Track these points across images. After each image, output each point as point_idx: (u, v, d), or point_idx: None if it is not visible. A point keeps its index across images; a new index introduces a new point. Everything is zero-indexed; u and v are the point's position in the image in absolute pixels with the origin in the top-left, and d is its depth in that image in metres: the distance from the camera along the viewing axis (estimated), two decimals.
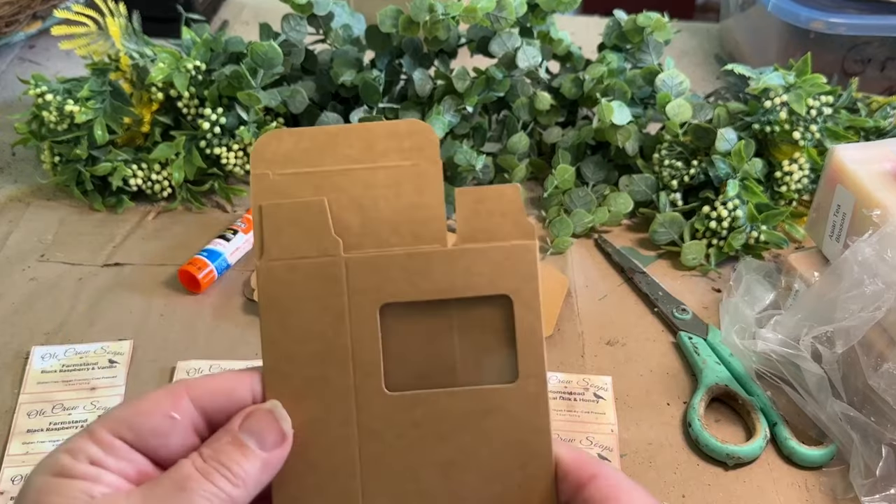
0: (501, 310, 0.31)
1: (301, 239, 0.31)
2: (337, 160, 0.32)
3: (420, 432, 0.31)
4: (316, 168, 0.32)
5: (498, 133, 0.75)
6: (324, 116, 0.72)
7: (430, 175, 0.32)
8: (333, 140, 0.32)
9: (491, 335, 0.32)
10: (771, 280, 0.62)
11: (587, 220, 0.69)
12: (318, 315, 0.31)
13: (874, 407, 0.50)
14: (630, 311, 0.64)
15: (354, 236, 0.32)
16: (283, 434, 0.30)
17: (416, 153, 0.32)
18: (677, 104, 0.68)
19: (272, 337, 0.31)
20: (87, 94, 0.67)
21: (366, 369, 0.31)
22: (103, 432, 0.29)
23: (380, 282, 0.31)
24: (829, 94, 0.67)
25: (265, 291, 0.31)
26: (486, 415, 0.31)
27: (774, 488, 0.52)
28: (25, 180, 0.75)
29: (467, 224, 0.32)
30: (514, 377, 0.31)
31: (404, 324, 0.32)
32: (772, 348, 0.53)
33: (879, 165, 0.57)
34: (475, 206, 0.32)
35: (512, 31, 0.70)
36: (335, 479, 0.31)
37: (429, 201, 0.32)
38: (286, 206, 0.32)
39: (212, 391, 0.30)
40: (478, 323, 0.32)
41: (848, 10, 0.79)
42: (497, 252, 0.32)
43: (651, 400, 0.57)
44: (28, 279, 0.65)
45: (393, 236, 0.32)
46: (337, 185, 0.32)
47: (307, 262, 0.31)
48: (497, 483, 0.31)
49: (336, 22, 0.72)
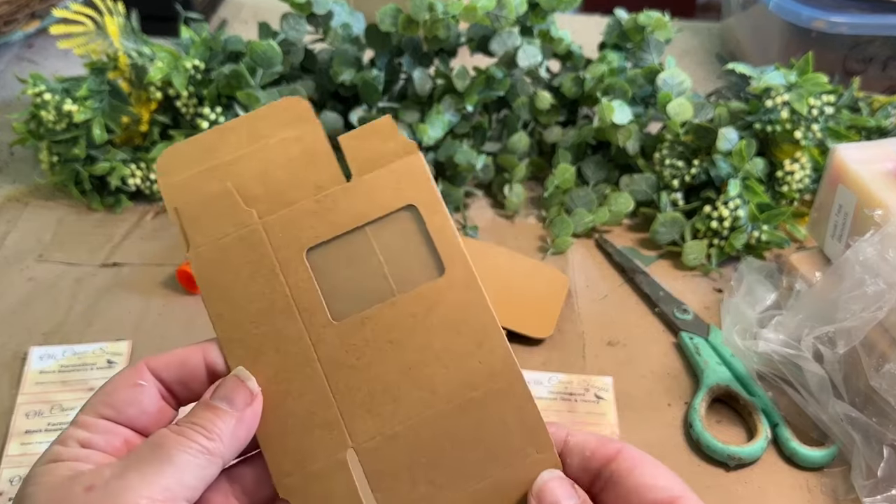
0: (410, 218, 0.35)
1: (218, 221, 0.35)
2: (230, 150, 0.36)
3: (376, 347, 0.34)
4: (214, 163, 0.36)
5: (498, 132, 0.75)
6: (323, 116, 0.71)
7: (312, 135, 0.36)
8: (222, 136, 0.36)
9: (409, 242, 0.35)
10: (772, 280, 0.61)
11: (588, 220, 0.69)
12: (252, 279, 0.34)
13: (876, 407, 0.50)
14: (631, 311, 0.63)
15: (264, 204, 0.35)
16: (251, 392, 0.33)
17: (295, 123, 0.36)
18: (678, 103, 0.68)
19: (218, 312, 0.34)
20: (86, 93, 0.67)
21: (310, 310, 0.34)
22: (86, 417, 0.32)
23: (298, 232, 0.35)
24: (831, 93, 0.67)
25: (201, 275, 0.35)
26: (428, 311, 0.34)
27: (776, 489, 0.51)
28: (23, 180, 0.74)
29: (356, 161, 0.36)
30: (442, 270, 0.34)
31: (331, 259, 0.35)
32: (773, 349, 0.53)
33: (881, 165, 0.56)
34: (358, 145, 0.36)
35: (512, 30, 0.70)
36: (314, 415, 0.34)
37: (318, 156, 0.36)
38: (197, 199, 0.35)
39: (167, 363, 0.33)
40: (394, 236, 0.35)
41: (849, 10, 0.78)
42: (389, 173, 0.35)
43: (652, 400, 0.57)
44: (26, 279, 0.64)
45: (297, 192, 0.35)
46: (236, 170, 0.36)
47: (229, 238, 0.35)
48: (460, 368, 0.34)
49: (335, 21, 0.71)
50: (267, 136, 0.36)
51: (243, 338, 0.34)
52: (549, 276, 0.65)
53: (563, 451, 0.33)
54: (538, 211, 0.72)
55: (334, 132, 0.72)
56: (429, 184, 0.35)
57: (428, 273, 0.35)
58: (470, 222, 0.70)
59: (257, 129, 0.36)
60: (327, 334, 0.34)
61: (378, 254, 0.35)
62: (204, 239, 0.35)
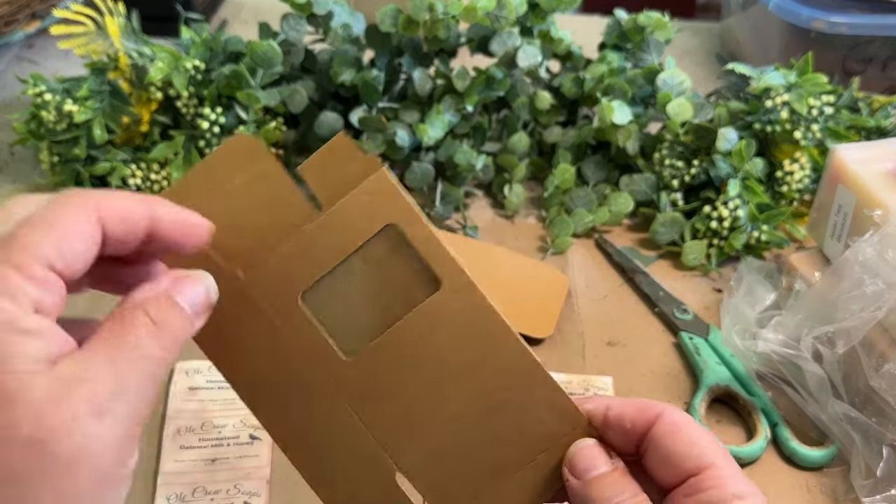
0: (392, 236, 0.34)
1: None
2: (193, 206, 0.34)
3: (394, 374, 0.34)
4: None
5: (498, 133, 0.75)
6: (323, 116, 0.71)
7: (272, 172, 0.34)
8: (180, 192, 0.34)
9: (398, 261, 0.34)
10: (772, 280, 0.62)
11: (588, 220, 0.69)
12: (255, 338, 0.34)
13: (875, 407, 0.50)
14: (631, 311, 0.63)
15: (244, 257, 0.34)
16: (210, 302, 0.32)
17: (251, 163, 0.34)
18: (678, 104, 0.68)
19: (233, 379, 0.34)
20: (86, 93, 0.67)
21: (321, 354, 0.34)
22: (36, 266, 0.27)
23: (286, 279, 0.34)
24: (831, 93, 0.67)
25: (204, 346, 0.34)
26: (435, 327, 0.34)
27: (775, 489, 0.51)
28: (24, 180, 0.74)
29: (323, 189, 0.34)
30: (437, 282, 0.34)
31: (327, 298, 0.34)
32: (773, 349, 0.53)
33: (881, 165, 0.56)
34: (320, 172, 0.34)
35: (512, 31, 0.70)
36: (356, 451, 0.34)
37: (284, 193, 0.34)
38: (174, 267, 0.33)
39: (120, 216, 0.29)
40: (382, 259, 0.34)
41: (849, 10, 0.78)
42: (360, 195, 0.34)
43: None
44: None
45: (274, 236, 0.34)
46: None
47: (220, 303, 0.33)
48: (479, 373, 0.34)
49: (335, 21, 0.71)
50: (226, 182, 0.34)
51: (267, 398, 0.34)
52: (549, 276, 0.65)
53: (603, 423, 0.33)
54: (538, 211, 0.72)
55: (334, 132, 0.72)
56: (401, 197, 0.34)
57: (425, 288, 0.34)
58: (470, 222, 0.70)
59: (215, 177, 0.34)
60: (345, 373, 0.34)
61: (371, 281, 0.34)
62: None
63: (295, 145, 0.77)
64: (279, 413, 0.34)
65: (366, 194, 0.34)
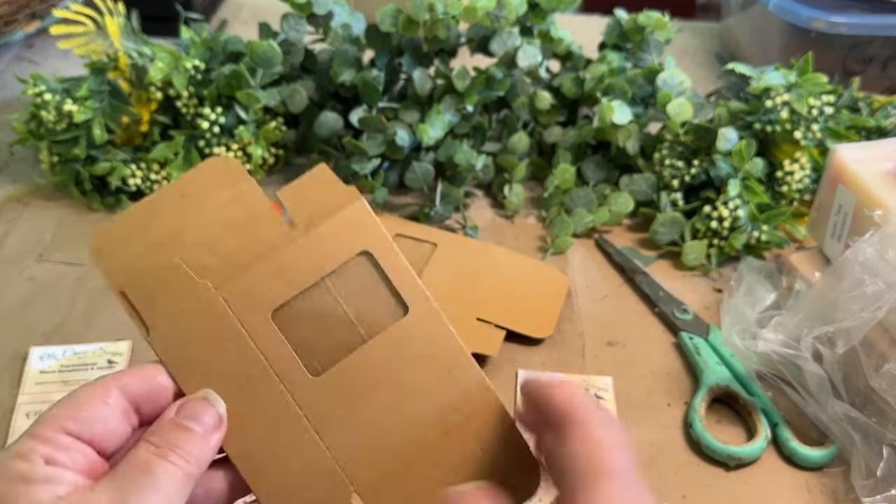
0: (365, 263, 0.36)
1: (173, 300, 0.34)
2: (168, 221, 0.35)
3: (357, 394, 0.35)
4: (153, 237, 0.35)
5: (498, 133, 0.75)
6: (323, 116, 0.71)
7: (250, 193, 0.35)
8: (155, 207, 0.35)
9: (369, 287, 0.35)
10: (772, 280, 0.62)
11: (588, 220, 0.69)
12: (222, 352, 0.34)
13: (875, 407, 0.50)
14: (631, 311, 0.63)
15: (218, 273, 0.35)
16: (220, 416, 0.33)
17: (228, 183, 0.35)
18: (678, 103, 0.68)
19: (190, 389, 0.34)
20: (86, 93, 0.67)
21: (287, 371, 0.34)
22: (49, 431, 0.31)
23: (259, 296, 0.34)
24: (831, 93, 0.67)
25: (168, 359, 0.34)
26: (399, 350, 0.35)
27: (775, 489, 0.51)
28: (24, 180, 0.74)
29: (301, 215, 0.36)
30: (405, 308, 0.35)
31: (297, 317, 0.35)
32: (773, 349, 0.53)
33: (881, 165, 0.56)
34: (300, 198, 0.36)
35: (512, 31, 0.70)
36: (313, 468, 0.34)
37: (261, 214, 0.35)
38: (145, 280, 0.34)
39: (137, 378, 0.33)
40: (354, 283, 0.35)
41: (849, 10, 0.78)
42: (337, 222, 0.35)
43: (652, 400, 0.57)
44: (26, 279, 0.64)
45: (248, 255, 0.35)
46: (178, 241, 0.35)
47: (189, 316, 0.34)
48: (438, 396, 0.35)
49: (335, 21, 0.71)
50: (202, 200, 0.35)
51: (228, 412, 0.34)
52: (549, 276, 0.65)
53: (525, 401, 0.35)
54: (538, 211, 0.72)
55: (334, 132, 0.72)
56: (377, 226, 0.36)
57: (392, 313, 0.36)
58: (470, 222, 0.70)
59: (190, 195, 0.35)
60: (309, 391, 0.35)
61: (342, 304, 0.35)
62: (162, 321, 0.34)
63: (295, 145, 0.77)
64: (237, 428, 0.34)
65: (344, 221, 0.35)
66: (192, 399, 0.33)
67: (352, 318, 0.35)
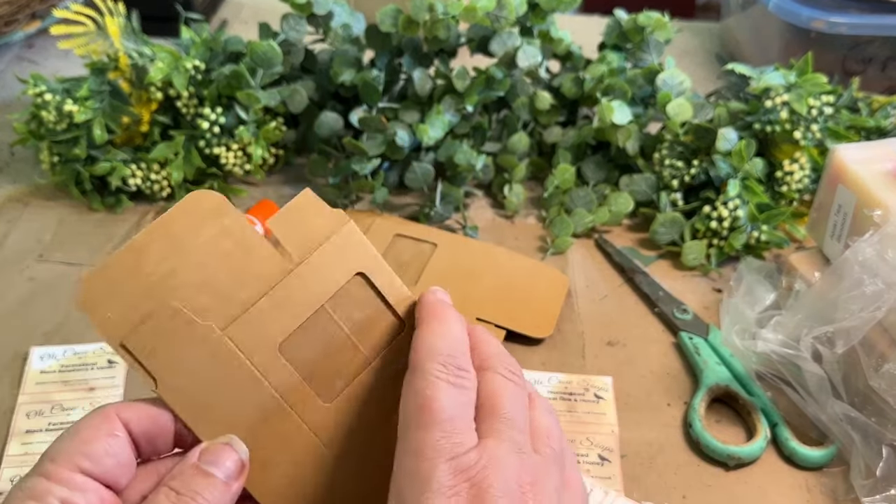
0: (361, 284, 0.36)
1: (178, 346, 0.33)
2: (158, 264, 0.34)
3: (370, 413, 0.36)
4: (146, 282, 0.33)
5: (498, 133, 0.75)
6: (323, 116, 0.71)
7: (237, 226, 0.35)
8: (141, 251, 0.34)
9: (366, 307, 0.36)
10: (772, 280, 0.62)
11: (587, 220, 0.69)
12: (235, 393, 0.34)
13: (875, 407, 0.50)
14: (631, 311, 0.63)
15: (218, 313, 0.34)
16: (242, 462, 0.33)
17: (214, 217, 0.35)
18: (678, 104, 0.68)
19: (213, 437, 0.33)
20: (86, 93, 0.67)
21: (301, 402, 0.35)
22: (62, 470, 0.30)
23: (263, 332, 0.34)
24: (830, 93, 0.67)
25: (181, 409, 0.33)
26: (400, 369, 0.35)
27: (775, 489, 0.51)
28: (24, 180, 0.74)
29: (293, 244, 0.35)
30: (403, 323, 0.37)
31: (302, 346, 0.35)
32: (772, 349, 0.53)
33: (881, 165, 0.56)
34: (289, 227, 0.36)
35: (512, 31, 0.70)
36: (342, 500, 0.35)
37: (252, 246, 0.35)
38: (145, 329, 0.33)
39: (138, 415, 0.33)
40: (352, 306, 0.36)
41: (849, 10, 0.78)
42: (330, 248, 0.36)
43: (652, 400, 0.57)
44: (26, 279, 0.64)
45: (246, 291, 0.34)
46: (171, 284, 0.34)
47: (195, 361, 0.33)
48: None
49: (335, 21, 0.71)
50: (189, 238, 0.34)
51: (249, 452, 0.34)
52: (549, 276, 0.65)
53: None
54: (538, 211, 0.72)
55: (334, 132, 0.72)
56: (368, 248, 0.36)
57: (392, 330, 0.37)
58: (470, 222, 0.70)
59: (177, 234, 0.34)
60: (324, 418, 0.35)
61: (343, 327, 0.36)
62: (169, 370, 0.33)
63: (295, 145, 0.77)
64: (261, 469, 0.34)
65: (336, 247, 0.36)
66: (214, 444, 0.33)
67: (354, 340, 0.36)
